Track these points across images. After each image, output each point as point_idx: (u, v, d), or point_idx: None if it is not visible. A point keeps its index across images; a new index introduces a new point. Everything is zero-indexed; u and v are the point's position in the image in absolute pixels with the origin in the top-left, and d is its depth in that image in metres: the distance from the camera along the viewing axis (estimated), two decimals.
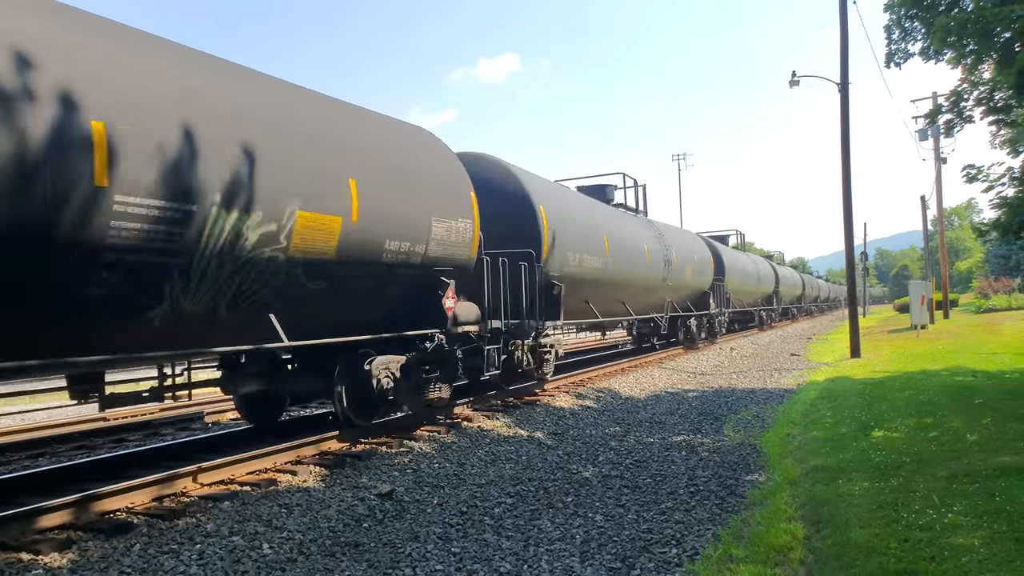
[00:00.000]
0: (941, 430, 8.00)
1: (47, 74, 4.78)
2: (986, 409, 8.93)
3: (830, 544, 4.82)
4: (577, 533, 5.67)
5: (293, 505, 6.17)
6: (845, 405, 10.55)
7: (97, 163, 4.96)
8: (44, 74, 4.76)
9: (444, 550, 5.34)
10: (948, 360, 15.46)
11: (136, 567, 4.81)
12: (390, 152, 8.48)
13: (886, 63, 13.33)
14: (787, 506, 5.93)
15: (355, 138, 7.93)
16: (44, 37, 4.92)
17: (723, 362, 19.40)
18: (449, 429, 9.28)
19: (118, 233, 5.14)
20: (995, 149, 13.82)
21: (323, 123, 7.53)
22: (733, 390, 13.92)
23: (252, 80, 7.04)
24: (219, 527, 5.55)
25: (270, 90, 7.17)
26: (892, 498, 5.63)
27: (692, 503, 6.43)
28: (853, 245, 20.02)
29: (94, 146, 4.94)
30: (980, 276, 61.78)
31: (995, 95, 11.43)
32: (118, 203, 5.10)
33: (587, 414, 11.13)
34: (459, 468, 7.72)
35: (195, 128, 5.73)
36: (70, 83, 4.88)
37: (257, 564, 5.01)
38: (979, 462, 6.39)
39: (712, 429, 10.06)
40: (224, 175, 5.94)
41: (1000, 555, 4.27)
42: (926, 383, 11.95)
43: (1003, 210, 11.59)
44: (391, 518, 6.11)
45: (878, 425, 8.72)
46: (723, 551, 5.01)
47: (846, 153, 19.26)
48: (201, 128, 5.80)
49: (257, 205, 6.23)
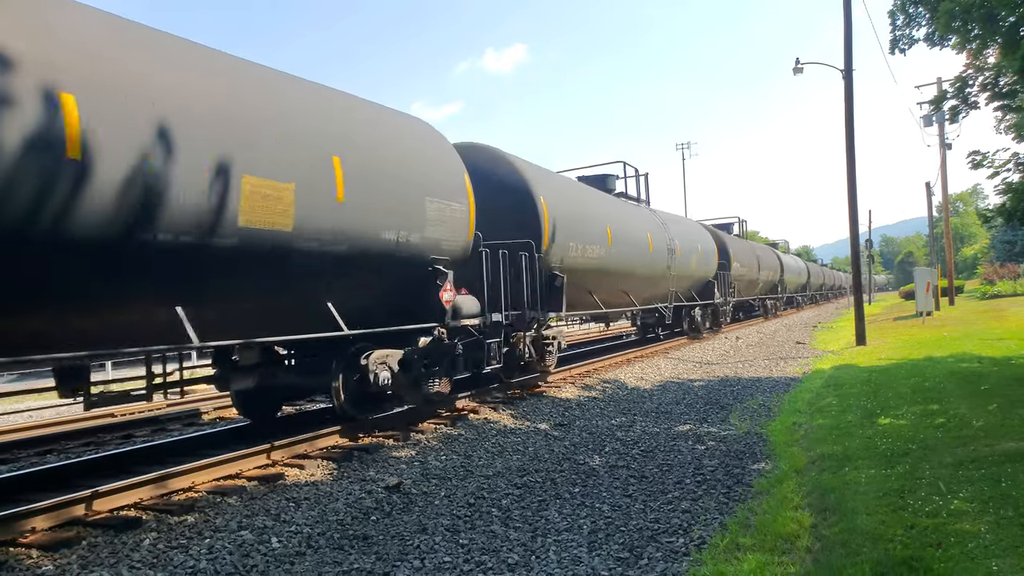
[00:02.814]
0: (947, 417, 7.99)
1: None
2: (992, 395, 8.92)
3: (837, 532, 4.83)
4: (584, 523, 5.69)
5: (301, 499, 6.21)
6: (851, 393, 10.55)
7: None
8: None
9: (452, 542, 5.37)
10: (954, 347, 15.43)
11: (146, 562, 4.84)
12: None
13: (891, 49, 13.25)
14: (793, 494, 5.94)
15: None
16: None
17: (728, 351, 19.39)
18: (455, 422, 9.30)
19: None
20: (1000, 135, 13.73)
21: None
22: (739, 379, 13.92)
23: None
24: (228, 522, 5.59)
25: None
26: (898, 485, 5.64)
27: (699, 492, 6.44)
28: (858, 233, 19.94)
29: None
30: (985, 262, 61.48)
31: (1000, 80, 11.35)
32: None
33: (593, 405, 11.14)
34: (466, 460, 7.75)
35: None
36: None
37: (266, 558, 5.04)
38: (985, 448, 6.38)
39: (718, 418, 10.07)
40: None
41: (1006, 540, 4.27)
42: (932, 370, 11.93)
43: (1008, 196, 11.53)
44: (399, 510, 6.14)
45: (884, 412, 8.72)
46: (730, 540, 5.02)
47: (850, 140, 19.17)
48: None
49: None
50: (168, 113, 5.60)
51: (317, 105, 7.57)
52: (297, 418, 9.87)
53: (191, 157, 5.72)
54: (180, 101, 5.78)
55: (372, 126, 8.42)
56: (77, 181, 4.93)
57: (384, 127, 8.71)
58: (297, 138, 6.89)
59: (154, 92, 5.55)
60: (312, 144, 7.06)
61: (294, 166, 6.72)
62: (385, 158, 8.20)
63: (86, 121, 4.96)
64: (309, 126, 7.14)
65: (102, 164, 5.07)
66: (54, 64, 4.91)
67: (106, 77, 5.25)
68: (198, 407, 11.57)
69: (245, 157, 6.19)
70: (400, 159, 8.47)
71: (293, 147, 6.79)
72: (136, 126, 5.33)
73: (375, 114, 8.73)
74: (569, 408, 10.74)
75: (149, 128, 5.42)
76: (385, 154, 8.24)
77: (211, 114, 6.04)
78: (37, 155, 4.71)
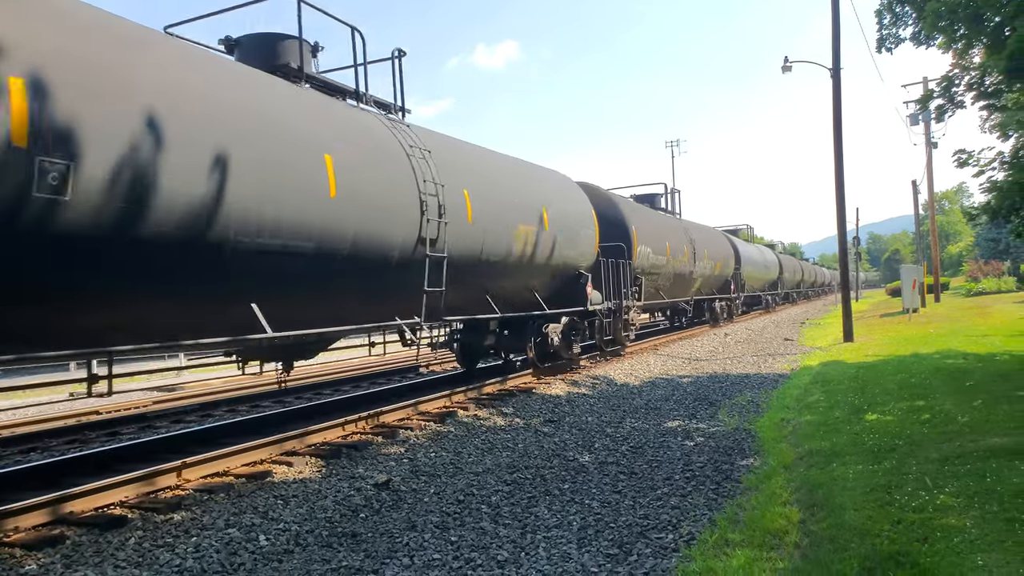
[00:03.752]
0: (933, 413, 8.06)
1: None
2: (977, 391, 9.00)
3: (825, 527, 4.86)
4: (574, 520, 5.69)
5: (289, 496, 6.17)
6: (838, 389, 10.62)
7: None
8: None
9: (441, 539, 5.35)
10: (939, 343, 15.57)
11: (131, 561, 4.80)
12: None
13: (877, 48, 13.33)
14: (782, 490, 5.97)
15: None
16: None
17: (717, 348, 19.48)
18: (444, 419, 9.29)
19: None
20: (985, 134, 13.85)
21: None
22: (727, 376, 13.97)
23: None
24: (215, 519, 5.55)
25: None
26: (885, 480, 5.68)
27: (688, 488, 6.46)
28: (846, 230, 20.07)
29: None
30: (970, 260, 62.09)
31: (986, 80, 11.44)
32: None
33: (582, 401, 11.16)
34: (455, 457, 7.73)
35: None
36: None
37: (254, 556, 5.01)
38: (970, 444, 6.44)
39: (707, 415, 10.10)
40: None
41: (991, 535, 4.31)
42: (918, 366, 12.03)
43: (993, 194, 11.62)
44: (388, 508, 6.12)
45: (871, 408, 8.78)
46: (719, 536, 5.04)
47: (838, 138, 19.27)
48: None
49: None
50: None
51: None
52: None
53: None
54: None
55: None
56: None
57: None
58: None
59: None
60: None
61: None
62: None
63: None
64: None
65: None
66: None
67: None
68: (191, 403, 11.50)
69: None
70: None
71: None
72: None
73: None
74: (559, 405, 10.75)
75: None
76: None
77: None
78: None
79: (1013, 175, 11.45)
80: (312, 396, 12.28)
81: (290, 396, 12.26)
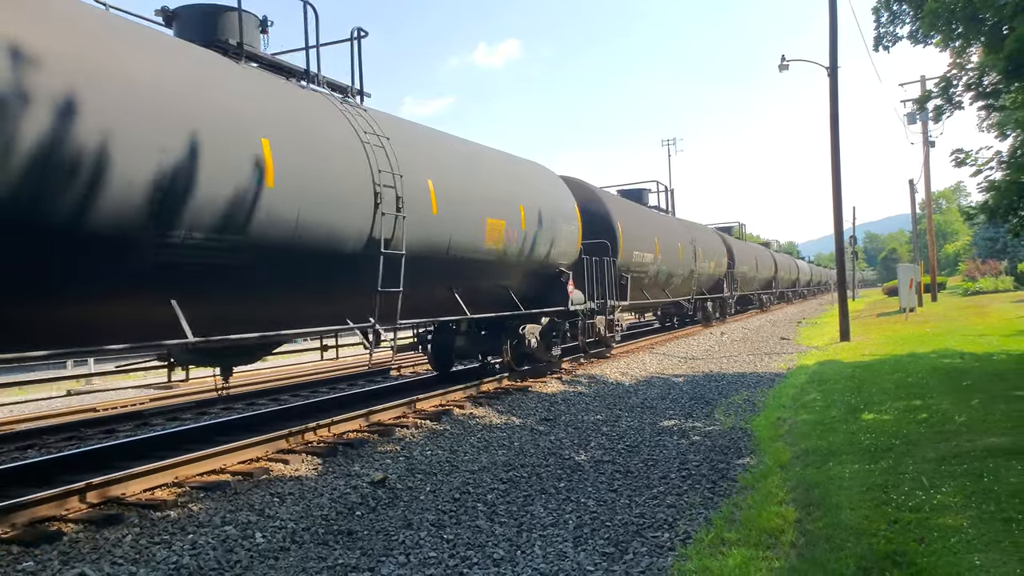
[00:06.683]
0: (930, 412, 8.07)
1: None
2: (974, 391, 9.02)
3: (821, 526, 4.86)
4: (570, 518, 5.69)
5: (286, 494, 6.17)
6: (835, 388, 10.63)
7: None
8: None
9: (437, 537, 5.35)
10: (936, 343, 15.59)
11: (128, 557, 4.79)
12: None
13: (875, 46, 13.32)
14: (778, 489, 5.97)
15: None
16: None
17: (713, 347, 19.49)
18: (440, 417, 9.29)
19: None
20: (983, 133, 13.90)
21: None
22: (723, 375, 13.99)
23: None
24: (211, 517, 5.54)
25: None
26: (882, 480, 5.68)
27: (684, 487, 6.46)
28: (843, 229, 20.10)
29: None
30: (967, 259, 62.24)
31: (984, 80, 11.45)
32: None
33: (578, 400, 11.16)
34: (451, 455, 7.73)
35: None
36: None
37: (250, 553, 5.00)
38: (967, 443, 6.45)
39: (703, 414, 10.11)
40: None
41: (988, 535, 4.31)
42: (915, 366, 12.04)
43: (991, 193, 11.65)
44: (384, 506, 6.11)
45: (868, 408, 8.79)
46: (715, 535, 5.04)
47: (835, 137, 19.28)
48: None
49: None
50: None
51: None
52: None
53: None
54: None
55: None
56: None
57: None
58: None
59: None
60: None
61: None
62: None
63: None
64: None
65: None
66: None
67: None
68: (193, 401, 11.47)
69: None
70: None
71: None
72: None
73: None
74: (554, 403, 10.75)
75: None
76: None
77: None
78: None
79: (1011, 174, 11.47)
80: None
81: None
